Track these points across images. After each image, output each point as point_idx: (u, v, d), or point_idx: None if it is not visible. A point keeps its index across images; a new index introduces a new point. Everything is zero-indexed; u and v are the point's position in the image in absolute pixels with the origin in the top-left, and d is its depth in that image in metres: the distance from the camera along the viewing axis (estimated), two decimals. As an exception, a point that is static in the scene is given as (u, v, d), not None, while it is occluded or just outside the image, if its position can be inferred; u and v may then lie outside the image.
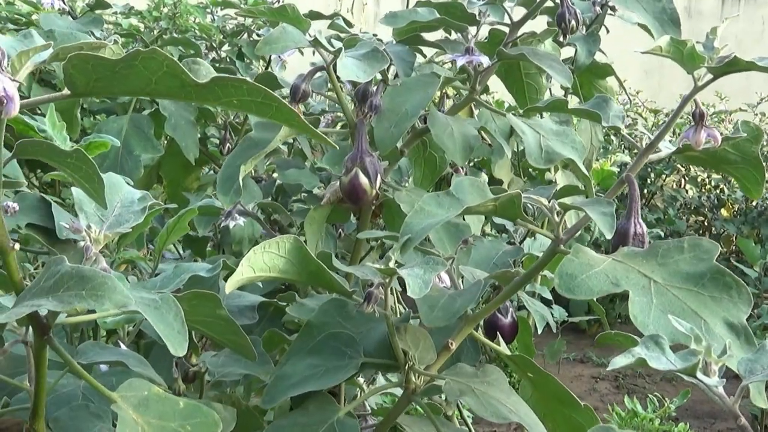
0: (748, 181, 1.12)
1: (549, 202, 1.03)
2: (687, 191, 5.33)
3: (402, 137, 1.29)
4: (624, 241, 1.03)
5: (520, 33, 1.33)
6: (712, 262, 0.94)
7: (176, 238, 1.30)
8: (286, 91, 1.33)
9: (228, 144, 2.05)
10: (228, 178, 1.19)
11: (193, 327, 1.00)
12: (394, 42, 1.37)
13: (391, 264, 0.98)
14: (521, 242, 2.01)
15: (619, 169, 3.29)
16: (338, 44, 1.24)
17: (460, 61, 1.25)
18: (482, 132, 1.49)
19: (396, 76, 1.37)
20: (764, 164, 1.10)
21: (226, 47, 2.60)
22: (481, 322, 1.25)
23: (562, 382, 1.14)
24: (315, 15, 1.73)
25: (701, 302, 0.92)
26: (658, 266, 0.95)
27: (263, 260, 0.98)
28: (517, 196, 0.99)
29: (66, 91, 0.75)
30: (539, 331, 1.54)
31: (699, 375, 0.73)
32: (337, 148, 1.31)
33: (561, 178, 2.21)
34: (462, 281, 1.14)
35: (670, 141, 1.12)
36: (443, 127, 1.25)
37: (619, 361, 0.75)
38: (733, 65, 0.97)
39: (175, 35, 2.26)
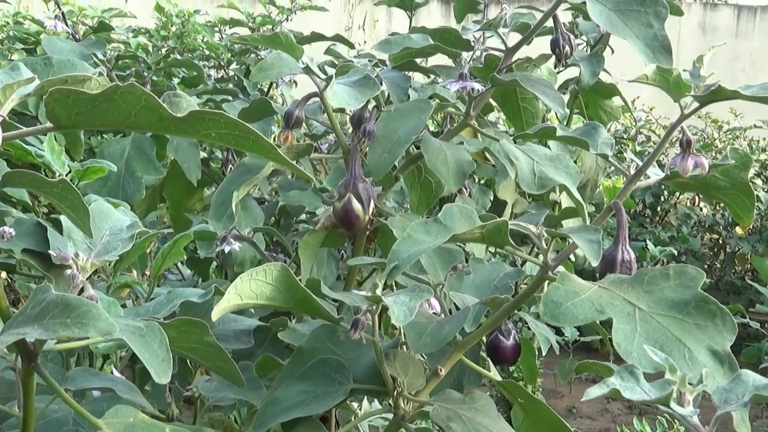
0: (738, 207, 1.12)
1: (537, 228, 1.04)
2: (701, 209, 5.31)
3: (397, 162, 1.30)
4: (611, 268, 1.04)
5: (515, 58, 1.33)
6: (697, 289, 0.94)
7: (172, 262, 1.31)
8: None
9: (230, 165, 2.07)
10: (221, 204, 1.20)
11: (181, 353, 1.01)
12: (390, 67, 1.38)
13: (378, 291, 0.98)
14: (523, 264, 2.01)
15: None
16: (332, 71, 1.25)
17: (453, 88, 1.25)
18: (486, 153, 1.50)
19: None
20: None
21: (234, 66, 2.62)
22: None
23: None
24: (317, 37, 1.75)
25: (686, 330, 0.92)
26: (644, 293, 0.96)
27: (250, 288, 0.99)
28: (503, 224, 0.99)
29: (49, 124, 0.76)
30: (544, 353, 1.55)
31: (672, 405, 0.73)
32: (315, 180, 1.31)
33: (565, 199, 2.21)
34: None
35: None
36: (437, 153, 1.25)
37: (594, 392, 0.75)
38: (717, 94, 0.97)
39: (178, 57, 2.28)
